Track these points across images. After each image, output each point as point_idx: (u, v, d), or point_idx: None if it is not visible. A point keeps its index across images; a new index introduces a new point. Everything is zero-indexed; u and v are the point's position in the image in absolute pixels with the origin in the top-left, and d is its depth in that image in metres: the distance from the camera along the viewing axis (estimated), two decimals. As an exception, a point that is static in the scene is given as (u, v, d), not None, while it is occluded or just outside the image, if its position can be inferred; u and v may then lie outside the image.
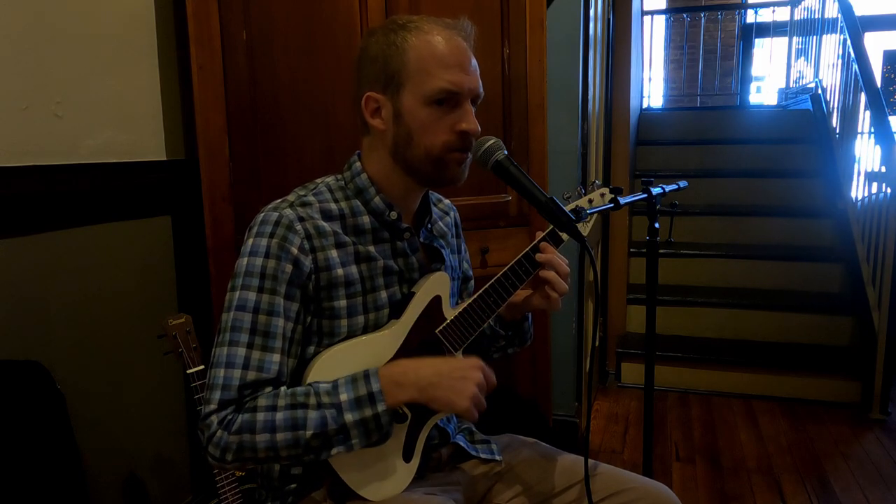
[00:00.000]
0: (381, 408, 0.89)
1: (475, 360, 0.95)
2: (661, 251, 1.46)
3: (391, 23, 0.99)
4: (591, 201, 1.13)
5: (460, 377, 0.92)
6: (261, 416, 0.87)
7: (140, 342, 1.61)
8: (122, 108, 1.57)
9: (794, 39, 5.93)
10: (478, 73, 0.99)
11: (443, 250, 1.11)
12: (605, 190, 1.15)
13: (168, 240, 1.72)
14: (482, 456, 1.14)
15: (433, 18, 0.99)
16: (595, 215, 1.14)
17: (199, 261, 1.63)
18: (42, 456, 1.25)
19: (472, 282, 1.26)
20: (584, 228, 1.13)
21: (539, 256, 1.05)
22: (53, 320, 1.40)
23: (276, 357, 0.91)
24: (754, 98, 8.06)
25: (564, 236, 1.08)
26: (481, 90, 1.00)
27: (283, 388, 0.91)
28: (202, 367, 1.37)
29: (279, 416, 0.87)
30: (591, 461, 1.07)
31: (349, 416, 0.88)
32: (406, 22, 0.98)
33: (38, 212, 1.36)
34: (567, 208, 1.08)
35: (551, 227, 1.06)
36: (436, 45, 0.95)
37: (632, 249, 3.70)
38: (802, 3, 5.59)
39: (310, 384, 0.92)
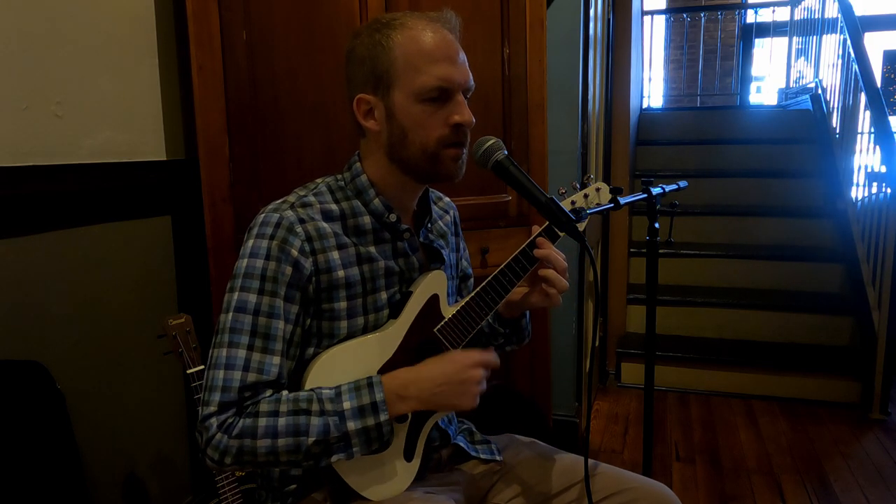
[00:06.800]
0: (383, 417, 0.90)
1: (474, 357, 0.95)
2: (661, 251, 1.46)
3: (375, 22, 0.98)
4: (586, 196, 1.13)
5: (460, 381, 0.93)
6: (262, 422, 0.86)
7: (140, 342, 1.61)
8: (122, 108, 1.57)
9: (794, 39, 5.93)
10: (467, 64, 0.97)
11: (442, 251, 1.10)
12: (602, 184, 1.14)
13: (168, 240, 1.72)
14: (482, 456, 1.14)
15: (417, 13, 0.98)
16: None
17: (199, 261, 1.63)
18: (42, 456, 1.25)
19: (472, 280, 1.25)
20: (580, 224, 1.13)
21: (537, 252, 1.03)
22: (53, 320, 1.40)
23: (276, 359, 0.91)
24: (754, 98, 8.06)
25: (561, 233, 1.07)
26: (472, 81, 0.98)
27: (284, 393, 0.90)
28: (202, 367, 1.37)
29: (281, 421, 0.86)
30: (591, 461, 1.07)
31: (352, 425, 0.88)
32: (390, 20, 0.96)
33: (38, 212, 1.36)
34: (565, 205, 1.07)
35: (547, 223, 1.05)
36: (422, 41, 0.94)
37: (632, 249, 3.69)
38: (802, 3, 5.59)
39: (312, 390, 0.91)
